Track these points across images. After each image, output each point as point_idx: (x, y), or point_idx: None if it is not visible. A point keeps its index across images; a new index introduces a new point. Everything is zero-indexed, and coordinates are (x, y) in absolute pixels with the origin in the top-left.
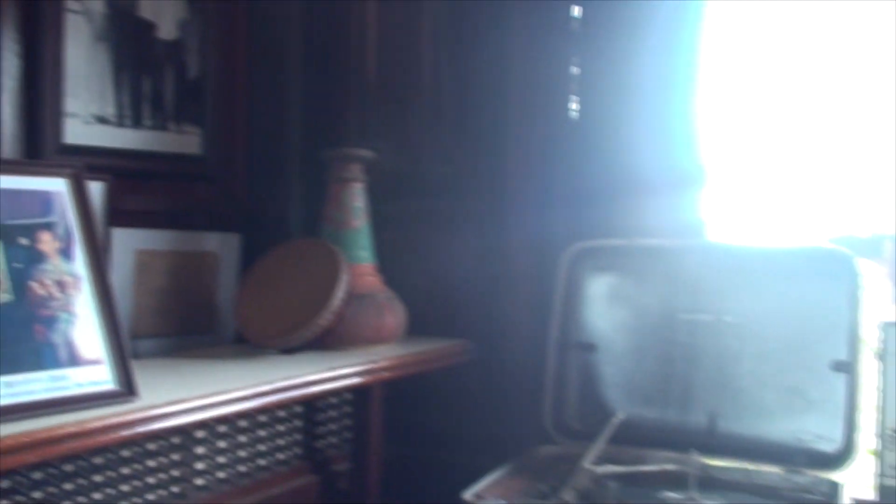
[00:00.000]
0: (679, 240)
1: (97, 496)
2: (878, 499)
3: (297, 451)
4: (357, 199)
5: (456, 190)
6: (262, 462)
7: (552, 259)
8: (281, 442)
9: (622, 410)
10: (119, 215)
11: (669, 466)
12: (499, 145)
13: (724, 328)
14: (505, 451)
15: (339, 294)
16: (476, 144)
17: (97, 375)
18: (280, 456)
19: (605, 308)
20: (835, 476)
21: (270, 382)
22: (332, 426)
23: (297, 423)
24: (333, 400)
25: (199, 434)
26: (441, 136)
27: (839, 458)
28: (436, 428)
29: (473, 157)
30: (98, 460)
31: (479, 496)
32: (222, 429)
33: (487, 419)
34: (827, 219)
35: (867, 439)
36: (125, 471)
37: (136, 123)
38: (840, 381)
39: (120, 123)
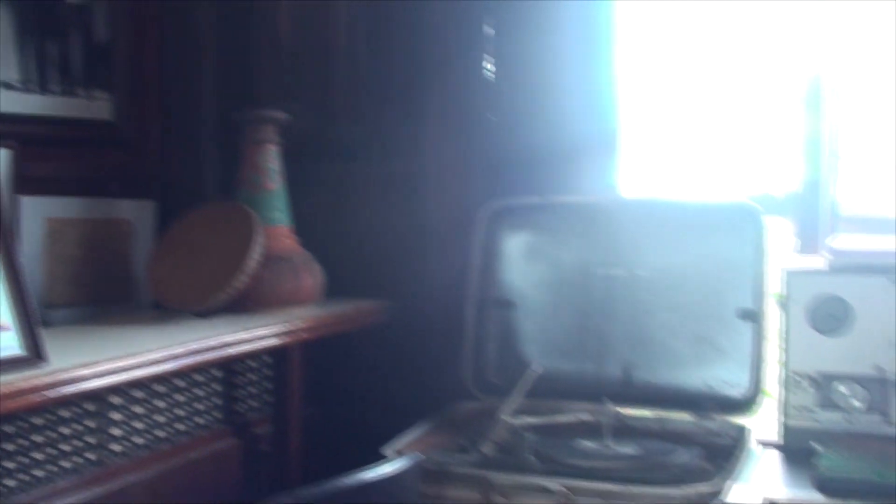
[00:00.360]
0: (593, 196)
1: (9, 464)
2: (781, 439)
3: (217, 414)
4: (272, 161)
5: (372, 151)
6: (180, 427)
7: (470, 218)
8: (200, 406)
9: (540, 364)
10: (28, 183)
11: (585, 416)
12: (415, 106)
13: (637, 282)
14: (426, 408)
15: (255, 256)
16: (392, 106)
17: (3, 342)
18: (199, 420)
19: (522, 265)
20: (743, 420)
21: (185, 344)
22: (252, 389)
23: (216, 387)
24: (253, 363)
25: (115, 400)
26: (357, 97)
27: (746, 403)
28: (357, 388)
29: (390, 119)
30: (9, 428)
31: (398, 452)
32: (138, 394)
33: (408, 378)
34: (743, 178)
35: (772, 384)
36: (38, 439)
37: (43, 89)
38: (747, 329)
39: (25, 89)
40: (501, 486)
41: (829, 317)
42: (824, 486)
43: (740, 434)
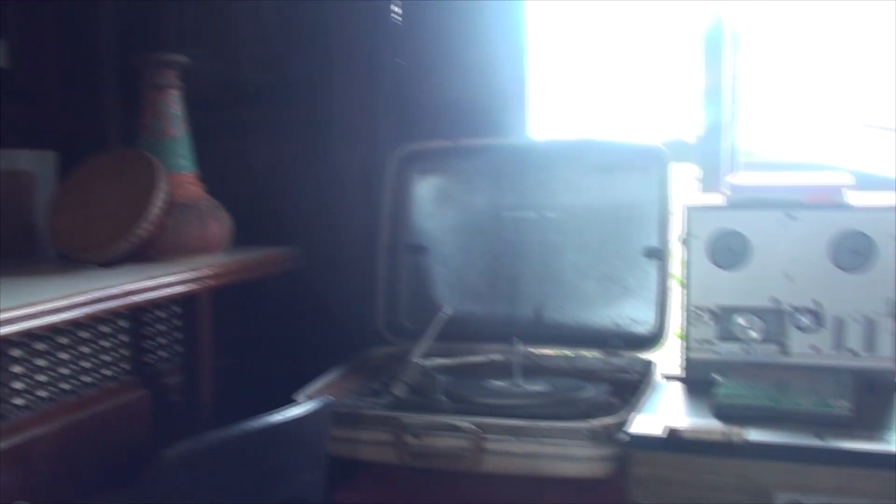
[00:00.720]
0: (503, 139)
1: None
2: (684, 372)
3: (125, 366)
4: (174, 107)
5: (279, 97)
6: (87, 379)
7: (380, 164)
8: (107, 358)
9: (451, 307)
10: None
11: (495, 356)
12: (322, 51)
13: (547, 224)
14: (340, 355)
15: (157, 203)
16: (298, 50)
17: None
18: (107, 372)
19: (433, 209)
20: (649, 355)
21: (86, 293)
22: (162, 340)
23: (123, 338)
24: (161, 313)
25: (15, 353)
26: (262, 42)
27: (652, 339)
28: (270, 337)
29: (297, 64)
30: None
31: (309, 397)
32: (40, 346)
33: (322, 325)
34: (655, 124)
35: (676, 319)
36: None
37: None
38: (653, 267)
39: None
40: (413, 427)
41: (728, 251)
42: (722, 412)
43: (646, 369)
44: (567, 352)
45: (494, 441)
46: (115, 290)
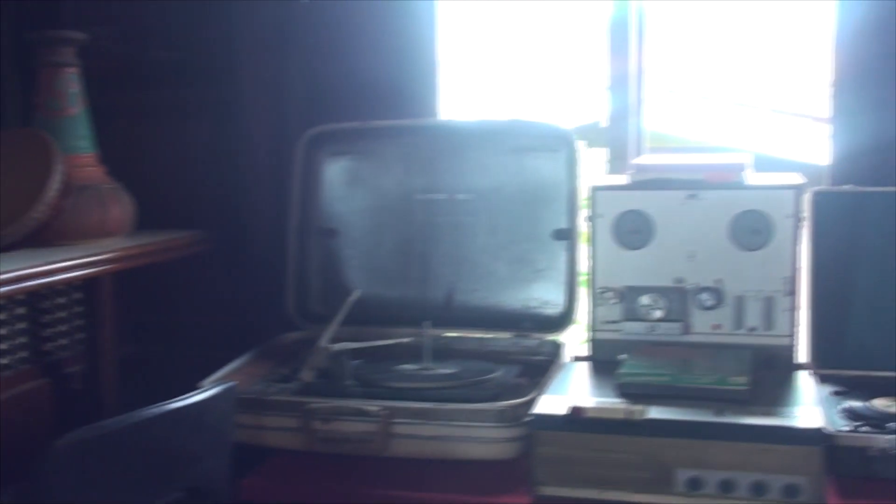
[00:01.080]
0: (413, 120)
1: None
2: (591, 352)
3: (23, 354)
4: (72, 85)
5: (185, 77)
6: None
7: (290, 145)
8: (3, 346)
9: (362, 291)
10: None
11: (405, 339)
12: (228, 29)
13: (458, 206)
14: (250, 341)
15: (54, 185)
16: (204, 29)
17: None
18: (3, 360)
19: (344, 192)
20: (558, 337)
21: None
22: (62, 327)
23: (21, 325)
24: (61, 299)
25: None
26: (166, 20)
27: (562, 321)
28: (177, 323)
29: (203, 43)
30: None
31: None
32: None
33: (231, 310)
34: (569, 109)
35: (585, 300)
36: None
37: None
38: (562, 249)
39: None
40: (319, 412)
41: (632, 232)
42: (625, 391)
43: (556, 350)
44: (478, 334)
45: (402, 424)
46: (7, 276)
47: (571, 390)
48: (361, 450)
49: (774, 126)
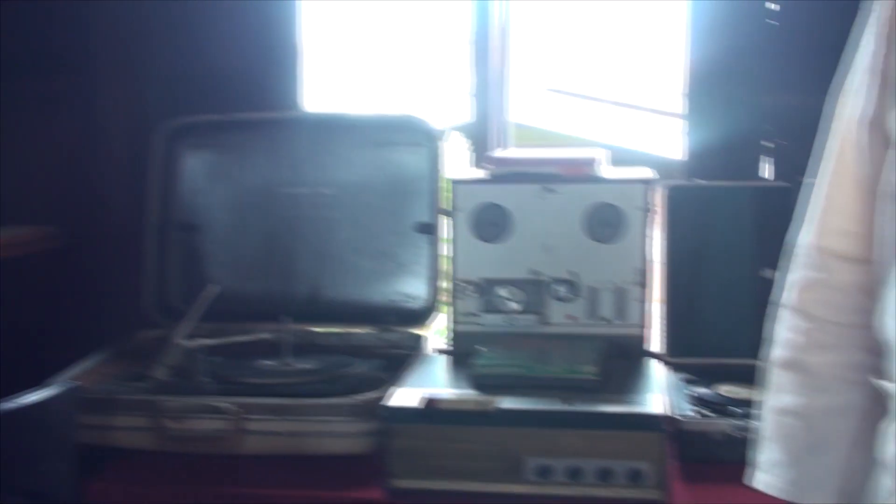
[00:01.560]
0: (275, 113)
1: None
2: (451, 345)
3: None
4: None
5: (40, 70)
6: None
7: (149, 138)
8: None
9: (220, 286)
10: None
11: (264, 335)
12: (85, 21)
13: (321, 200)
14: (107, 340)
15: None
16: (56, 17)
17: None
18: None
19: (204, 186)
20: (420, 330)
21: None
22: None
23: None
24: None
25: None
26: (22, 11)
27: (424, 314)
28: (29, 323)
29: (58, 35)
30: None
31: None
32: None
33: (87, 308)
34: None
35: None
36: None
37: None
38: (424, 242)
39: None
40: (171, 410)
41: (490, 224)
42: (480, 382)
43: (417, 343)
44: (341, 329)
45: (256, 421)
46: None
47: (429, 383)
48: (214, 448)
49: (637, 122)
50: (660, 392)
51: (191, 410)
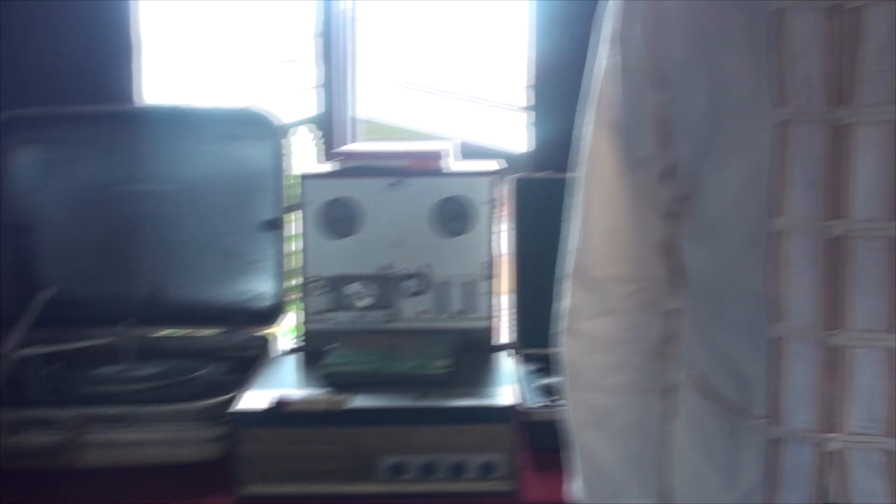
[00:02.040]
0: (112, 106)
1: None
2: (303, 343)
3: None
4: None
5: None
6: None
7: None
8: None
9: (61, 290)
10: None
11: (104, 340)
12: None
13: (163, 197)
14: None
15: None
16: None
17: None
18: None
19: (37, 183)
20: (269, 330)
21: None
22: None
23: None
24: None
25: None
26: None
27: (272, 313)
28: None
29: None
30: None
31: None
32: None
33: None
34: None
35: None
36: None
37: None
38: (270, 239)
39: None
40: (2, 424)
41: (339, 219)
42: (331, 381)
43: (265, 344)
44: (186, 331)
45: (96, 433)
46: None
47: (279, 384)
48: (51, 463)
49: (485, 116)
50: (509, 384)
51: (22, 424)
